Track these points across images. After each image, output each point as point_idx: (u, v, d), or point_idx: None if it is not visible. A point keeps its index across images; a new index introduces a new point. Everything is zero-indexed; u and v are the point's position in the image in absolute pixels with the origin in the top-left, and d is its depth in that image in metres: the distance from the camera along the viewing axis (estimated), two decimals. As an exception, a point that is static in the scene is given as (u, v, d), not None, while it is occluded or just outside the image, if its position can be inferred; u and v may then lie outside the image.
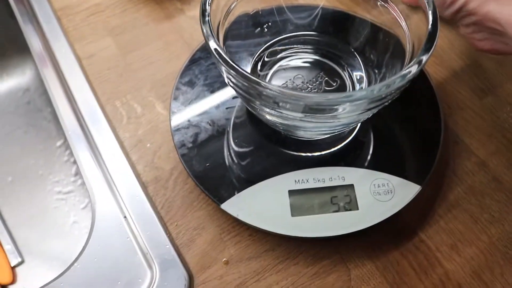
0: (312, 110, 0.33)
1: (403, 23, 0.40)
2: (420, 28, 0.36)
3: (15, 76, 0.71)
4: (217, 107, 0.44)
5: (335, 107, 0.33)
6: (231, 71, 0.32)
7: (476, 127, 0.47)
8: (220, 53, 0.32)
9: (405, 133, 0.43)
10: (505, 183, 0.44)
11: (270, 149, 0.42)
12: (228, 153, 0.42)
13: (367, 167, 0.41)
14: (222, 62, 0.32)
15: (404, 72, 0.32)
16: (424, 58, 0.32)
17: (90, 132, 0.47)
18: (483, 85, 0.50)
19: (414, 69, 0.32)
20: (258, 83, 0.31)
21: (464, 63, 0.51)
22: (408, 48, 0.38)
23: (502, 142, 0.46)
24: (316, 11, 0.44)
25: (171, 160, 0.45)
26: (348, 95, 0.31)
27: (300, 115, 0.33)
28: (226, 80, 0.35)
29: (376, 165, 0.41)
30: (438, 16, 0.35)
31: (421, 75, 0.46)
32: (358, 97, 0.31)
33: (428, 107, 0.45)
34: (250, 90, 0.32)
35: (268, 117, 0.37)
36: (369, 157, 0.42)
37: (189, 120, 0.43)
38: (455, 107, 0.48)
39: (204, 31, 0.34)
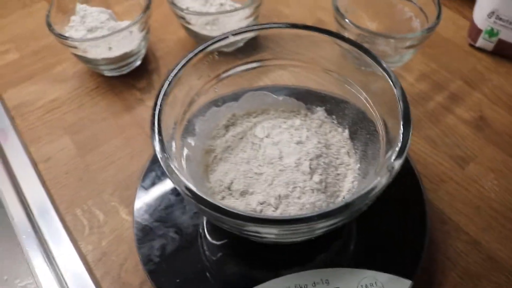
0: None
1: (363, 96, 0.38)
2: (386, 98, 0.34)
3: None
4: (184, 212, 0.40)
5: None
6: (187, 193, 0.29)
7: (462, 200, 0.44)
8: (175, 173, 0.29)
9: (389, 222, 0.40)
10: (501, 261, 0.41)
11: (246, 258, 0.39)
12: (199, 265, 0.38)
13: (351, 266, 0.37)
14: (175, 182, 0.29)
15: (373, 184, 0.29)
16: (397, 164, 0.30)
17: (49, 248, 0.43)
18: (462, 153, 0.47)
19: (384, 180, 0.30)
20: (216, 209, 0.28)
21: (441, 131, 0.49)
22: (379, 127, 0.36)
23: (491, 214, 0.43)
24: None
25: (140, 273, 0.41)
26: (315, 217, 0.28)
27: (272, 236, 0.30)
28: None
29: (361, 262, 0.38)
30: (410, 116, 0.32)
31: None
32: (327, 218, 0.28)
33: (410, 190, 0.42)
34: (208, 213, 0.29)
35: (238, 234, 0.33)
36: (352, 254, 0.39)
37: (154, 231, 0.39)
38: (438, 180, 0.45)
39: (154, 148, 0.31)
